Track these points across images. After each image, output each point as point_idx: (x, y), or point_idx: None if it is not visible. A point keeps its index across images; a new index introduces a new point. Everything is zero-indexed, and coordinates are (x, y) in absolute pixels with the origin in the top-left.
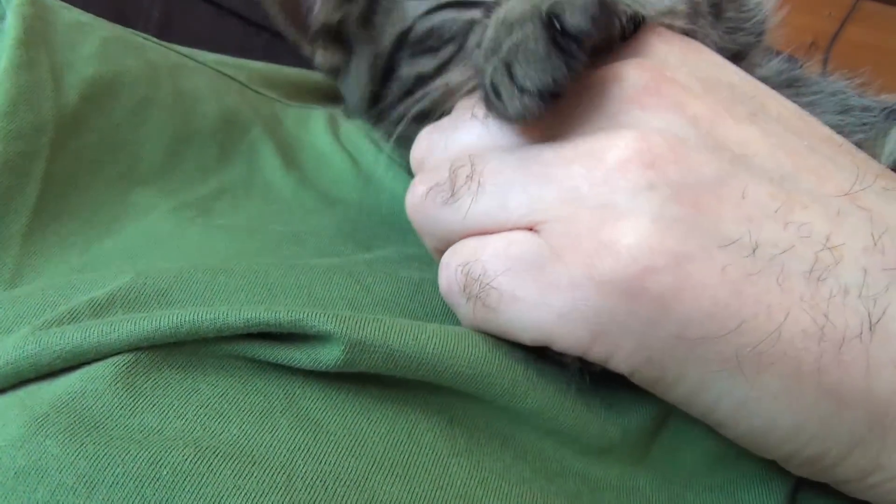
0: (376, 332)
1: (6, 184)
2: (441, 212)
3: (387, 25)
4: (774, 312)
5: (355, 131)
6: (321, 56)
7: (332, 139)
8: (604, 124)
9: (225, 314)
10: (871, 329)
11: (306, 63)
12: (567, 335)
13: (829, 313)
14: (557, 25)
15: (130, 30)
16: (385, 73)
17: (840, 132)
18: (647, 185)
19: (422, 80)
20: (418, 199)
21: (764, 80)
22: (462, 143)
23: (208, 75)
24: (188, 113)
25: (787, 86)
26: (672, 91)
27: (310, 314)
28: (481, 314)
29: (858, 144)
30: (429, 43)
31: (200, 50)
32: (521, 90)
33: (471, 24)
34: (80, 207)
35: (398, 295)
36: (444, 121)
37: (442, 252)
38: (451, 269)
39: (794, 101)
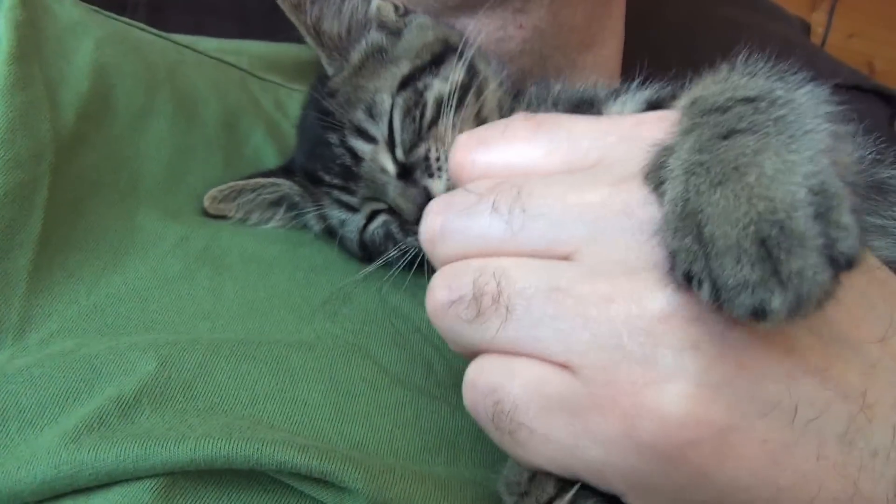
0: (402, 495)
1: (8, 216)
2: (466, 328)
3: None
4: (810, 483)
5: None
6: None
7: None
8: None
9: (259, 453)
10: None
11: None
12: (597, 481)
13: (859, 481)
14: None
15: (126, 21)
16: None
17: None
18: (692, 344)
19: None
20: (440, 307)
21: None
22: (481, 236)
23: (209, 68)
24: (189, 119)
25: (876, 192)
26: None
27: (340, 468)
28: (509, 444)
29: None
30: (379, 248)
31: (199, 36)
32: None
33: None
34: (84, 235)
35: (413, 375)
36: (458, 197)
37: (466, 355)
38: (477, 392)
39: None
